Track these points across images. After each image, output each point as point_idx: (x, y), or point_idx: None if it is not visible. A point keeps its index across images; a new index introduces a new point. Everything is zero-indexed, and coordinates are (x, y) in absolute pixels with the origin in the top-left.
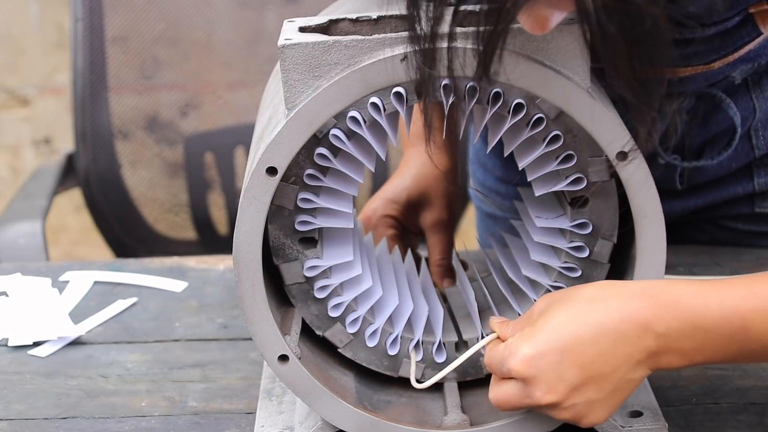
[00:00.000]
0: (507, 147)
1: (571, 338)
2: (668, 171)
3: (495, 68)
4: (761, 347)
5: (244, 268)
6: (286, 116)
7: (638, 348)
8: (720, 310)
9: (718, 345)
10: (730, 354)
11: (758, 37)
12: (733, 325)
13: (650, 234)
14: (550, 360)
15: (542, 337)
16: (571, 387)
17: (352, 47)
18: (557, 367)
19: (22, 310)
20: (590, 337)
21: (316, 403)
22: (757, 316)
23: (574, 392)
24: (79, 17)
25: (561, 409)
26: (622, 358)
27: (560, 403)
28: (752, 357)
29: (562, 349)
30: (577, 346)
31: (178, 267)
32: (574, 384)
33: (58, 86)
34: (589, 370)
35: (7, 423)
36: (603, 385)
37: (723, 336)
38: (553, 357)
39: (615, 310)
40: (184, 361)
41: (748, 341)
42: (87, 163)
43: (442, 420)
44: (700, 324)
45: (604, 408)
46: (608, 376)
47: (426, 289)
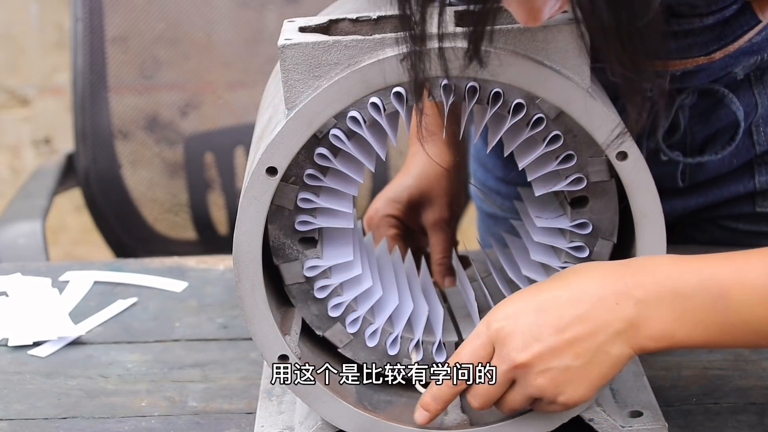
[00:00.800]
0: (507, 147)
1: (550, 299)
2: (670, 168)
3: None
4: (741, 321)
5: (244, 268)
6: (286, 116)
7: (617, 315)
8: (698, 277)
9: (699, 315)
10: (711, 330)
11: (757, 25)
12: (712, 292)
13: (650, 234)
14: (527, 318)
15: (521, 298)
16: (546, 347)
17: (352, 47)
18: (533, 326)
19: (22, 310)
20: (569, 298)
21: (316, 403)
22: (736, 284)
23: (548, 354)
24: (79, 17)
25: (536, 372)
26: (600, 323)
27: (534, 363)
28: (735, 336)
29: (540, 308)
30: (556, 308)
31: (178, 267)
32: (549, 344)
33: (58, 86)
34: (565, 333)
35: (7, 423)
36: (579, 352)
37: (702, 305)
38: (530, 315)
39: (595, 276)
40: (184, 361)
41: (727, 312)
42: (87, 163)
43: (442, 420)
44: (678, 289)
45: (581, 382)
46: (585, 341)
47: (426, 289)
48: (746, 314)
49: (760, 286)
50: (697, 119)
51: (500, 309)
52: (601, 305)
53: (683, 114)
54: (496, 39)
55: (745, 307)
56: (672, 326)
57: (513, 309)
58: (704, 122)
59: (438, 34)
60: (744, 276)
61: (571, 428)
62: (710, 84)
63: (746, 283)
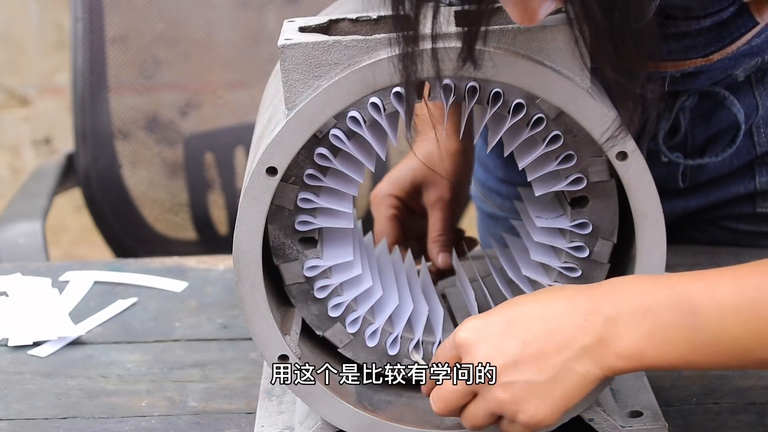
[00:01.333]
0: (507, 147)
1: (519, 312)
2: (671, 169)
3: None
4: (712, 338)
5: (244, 268)
6: (286, 116)
7: (585, 330)
8: (668, 293)
9: (669, 332)
10: (682, 347)
11: (754, 27)
12: (683, 308)
13: (650, 234)
14: (494, 329)
15: (493, 313)
16: (509, 359)
17: (352, 47)
18: (499, 337)
19: (22, 310)
20: (538, 313)
21: (316, 403)
22: (707, 300)
23: (511, 367)
24: (79, 17)
25: (497, 385)
26: (567, 338)
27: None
28: (706, 354)
29: (508, 321)
30: (524, 321)
31: (178, 267)
32: (513, 356)
33: (58, 86)
34: (531, 346)
35: (7, 423)
36: (543, 367)
37: (673, 321)
38: (497, 327)
39: (567, 294)
40: (184, 361)
41: (698, 329)
42: (87, 163)
43: (442, 420)
44: (648, 306)
45: (543, 399)
46: (550, 357)
47: (426, 289)
48: (717, 331)
49: (731, 303)
50: (697, 121)
51: (471, 320)
52: (570, 321)
53: (684, 116)
54: (494, 39)
55: (715, 323)
56: (641, 344)
57: (482, 321)
58: (705, 124)
59: (432, 34)
60: (715, 292)
61: (571, 428)
62: (710, 86)
63: (717, 299)
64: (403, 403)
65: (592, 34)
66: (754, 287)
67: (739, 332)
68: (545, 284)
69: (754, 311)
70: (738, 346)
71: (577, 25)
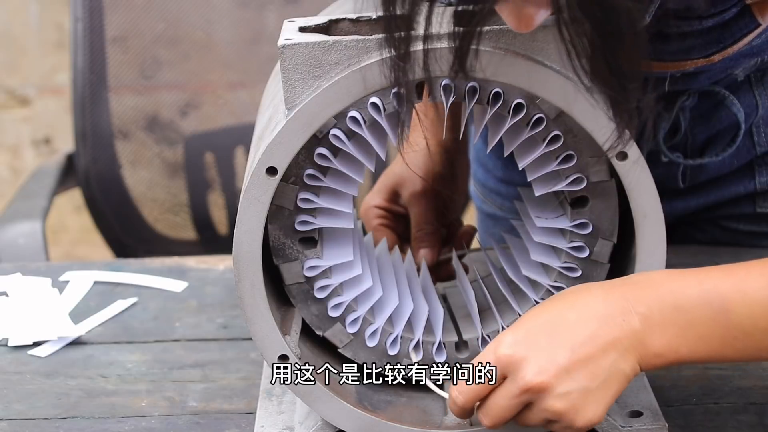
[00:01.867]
0: (507, 147)
1: (559, 320)
2: (671, 169)
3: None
4: (743, 333)
5: (244, 268)
6: (286, 116)
7: (624, 331)
8: (698, 290)
9: (701, 329)
10: (714, 343)
11: (756, 28)
12: (713, 305)
13: (650, 234)
14: (540, 340)
15: (527, 323)
16: (562, 369)
17: (352, 47)
18: (547, 348)
19: (22, 310)
20: (577, 319)
21: (316, 403)
22: (737, 297)
23: (565, 376)
24: (79, 17)
25: (554, 396)
26: (611, 341)
27: (552, 387)
28: (737, 349)
29: (551, 331)
30: (566, 328)
31: (178, 267)
32: (565, 366)
33: (58, 86)
34: (579, 353)
35: (7, 423)
36: (596, 372)
37: (704, 318)
38: (542, 338)
39: (598, 294)
40: (184, 361)
41: (729, 325)
42: (87, 163)
43: (442, 420)
44: (679, 304)
45: (598, 402)
46: (599, 360)
47: (426, 289)
48: (748, 327)
49: (761, 299)
50: (697, 121)
51: (508, 334)
52: (610, 322)
53: (684, 116)
54: (494, 39)
55: (746, 319)
56: (676, 341)
57: (523, 334)
58: (705, 124)
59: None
60: (745, 288)
61: None
62: (711, 86)
63: (747, 295)
64: (403, 403)
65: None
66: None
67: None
68: (545, 284)
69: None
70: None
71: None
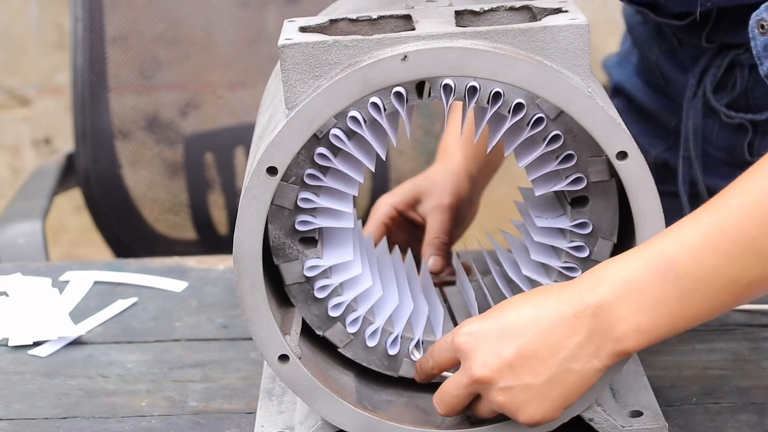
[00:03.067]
0: (507, 147)
1: (513, 317)
2: (737, 138)
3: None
4: (694, 281)
5: (244, 267)
6: (286, 116)
7: (576, 328)
8: (641, 259)
9: (655, 295)
10: (672, 305)
11: None
12: (658, 267)
13: (650, 234)
14: (491, 335)
15: (488, 316)
16: (505, 363)
17: (352, 47)
18: (495, 342)
19: (22, 310)
20: (531, 316)
21: (316, 403)
22: (676, 247)
23: (508, 370)
24: (79, 17)
25: (496, 389)
26: (560, 339)
27: (494, 380)
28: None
29: (504, 327)
30: (518, 325)
31: (178, 267)
32: (509, 360)
33: (58, 86)
34: (526, 349)
35: (7, 423)
36: (540, 370)
37: (654, 283)
38: (493, 333)
39: (555, 292)
40: (184, 361)
41: (681, 281)
42: (87, 163)
43: (442, 420)
44: (626, 278)
45: (541, 401)
46: (546, 358)
47: (426, 289)
48: (696, 271)
49: (698, 240)
50: (760, 84)
51: (468, 324)
52: (561, 320)
53: (741, 73)
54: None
55: (692, 264)
56: (635, 317)
57: (478, 325)
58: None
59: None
60: (681, 238)
61: (571, 428)
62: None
63: (685, 243)
64: (403, 403)
65: None
66: (712, 215)
67: (716, 263)
68: (545, 284)
69: (721, 236)
70: (723, 277)
71: None
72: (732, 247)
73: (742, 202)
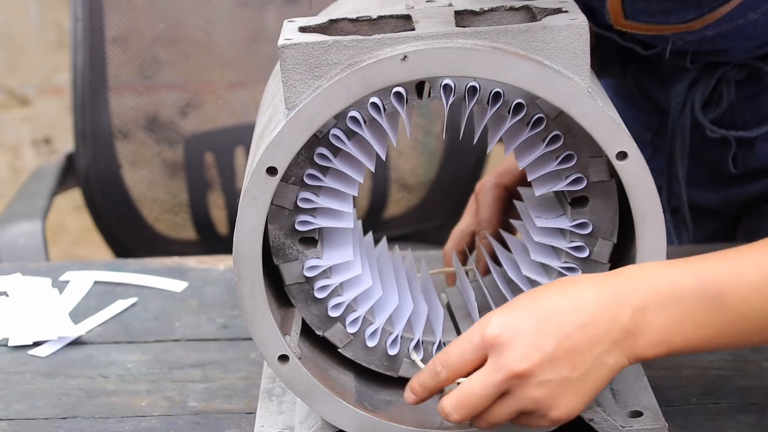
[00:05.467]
0: (507, 147)
1: (550, 307)
2: (721, 151)
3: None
4: (738, 317)
5: (244, 267)
6: (286, 116)
7: (615, 324)
8: (693, 278)
9: (697, 317)
10: (709, 330)
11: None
12: (708, 292)
13: (650, 234)
14: (529, 325)
15: (519, 306)
16: (546, 357)
17: (352, 47)
18: (535, 334)
19: (22, 310)
20: (570, 308)
21: (316, 403)
22: (731, 279)
23: (548, 364)
24: (79, 17)
25: (534, 384)
26: (600, 333)
27: (533, 373)
28: (731, 334)
29: (540, 316)
30: (556, 316)
31: (178, 267)
32: (549, 354)
33: (58, 86)
34: (566, 342)
35: (7, 423)
36: (578, 363)
37: (699, 306)
38: (531, 323)
39: (593, 285)
40: (184, 361)
41: (724, 310)
42: (87, 163)
43: (442, 420)
44: (674, 292)
45: (576, 394)
46: (584, 352)
47: (426, 289)
48: (742, 308)
49: (755, 280)
50: (744, 100)
51: (498, 315)
52: (601, 314)
53: (728, 89)
54: (494, 39)
55: (740, 301)
56: (670, 331)
57: (512, 317)
58: (752, 103)
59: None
60: (739, 272)
61: (571, 428)
62: (753, 61)
63: (742, 278)
64: (403, 403)
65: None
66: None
67: (762, 306)
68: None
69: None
70: (761, 321)
71: None
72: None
73: None
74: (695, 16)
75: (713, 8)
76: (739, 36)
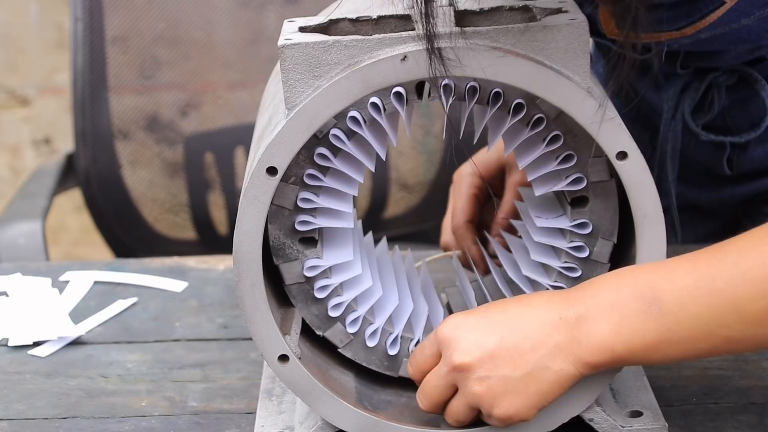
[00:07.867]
0: (507, 147)
1: (501, 311)
2: (716, 154)
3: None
4: (676, 323)
5: (244, 267)
6: (286, 116)
7: (559, 329)
8: (632, 285)
9: (635, 323)
10: (650, 337)
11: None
12: (645, 297)
13: (650, 234)
14: (478, 325)
15: (476, 310)
16: (486, 353)
17: (352, 47)
18: (478, 332)
19: (22, 310)
20: (516, 311)
21: (316, 403)
22: (666, 284)
23: (488, 360)
24: (79, 17)
25: (474, 378)
26: (542, 337)
27: (473, 368)
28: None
29: (489, 318)
30: (504, 319)
31: (178, 267)
32: (490, 350)
33: (58, 86)
34: (507, 341)
35: (7, 423)
36: (519, 363)
37: (637, 311)
38: (480, 323)
39: (544, 297)
40: (184, 361)
41: (664, 319)
42: (87, 163)
43: (442, 420)
44: (614, 300)
45: (517, 394)
46: (526, 353)
47: (426, 289)
48: (679, 313)
49: (687, 283)
50: (736, 104)
51: (455, 316)
52: (546, 319)
53: (719, 94)
54: (494, 39)
55: (676, 306)
56: (611, 338)
57: (463, 318)
58: (743, 108)
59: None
60: (673, 275)
61: (571, 428)
62: (743, 66)
63: (675, 282)
64: (403, 403)
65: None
66: (708, 264)
67: (699, 311)
68: (545, 284)
69: (710, 287)
70: (702, 326)
71: None
72: (717, 301)
73: (739, 263)
74: (686, 23)
75: (704, 15)
76: (733, 39)
